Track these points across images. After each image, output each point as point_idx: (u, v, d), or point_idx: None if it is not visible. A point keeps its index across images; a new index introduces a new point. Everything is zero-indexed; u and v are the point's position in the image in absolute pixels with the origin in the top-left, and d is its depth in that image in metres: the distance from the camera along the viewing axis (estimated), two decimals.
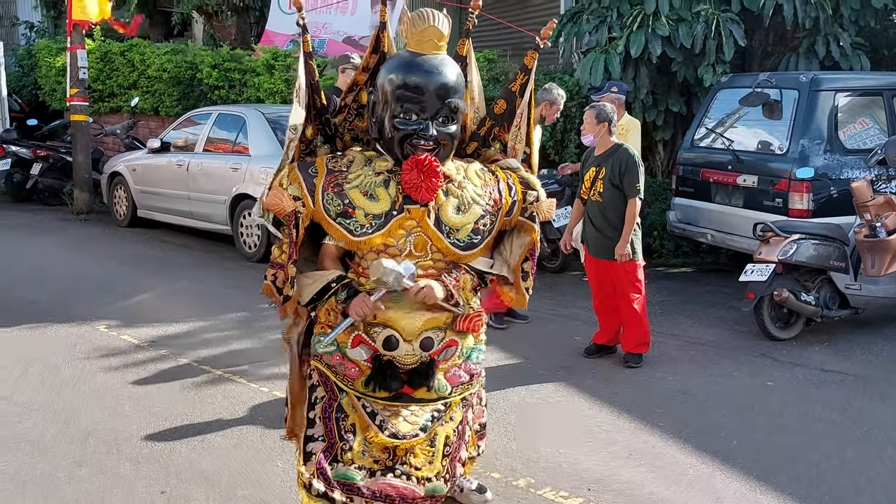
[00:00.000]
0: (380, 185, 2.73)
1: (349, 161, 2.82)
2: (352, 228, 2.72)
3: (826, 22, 8.31)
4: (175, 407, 4.76)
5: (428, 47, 2.72)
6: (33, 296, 7.07)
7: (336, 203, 2.73)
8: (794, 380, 5.36)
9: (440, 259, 2.78)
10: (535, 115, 6.25)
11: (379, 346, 2.77)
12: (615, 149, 5.45)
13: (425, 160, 2.65)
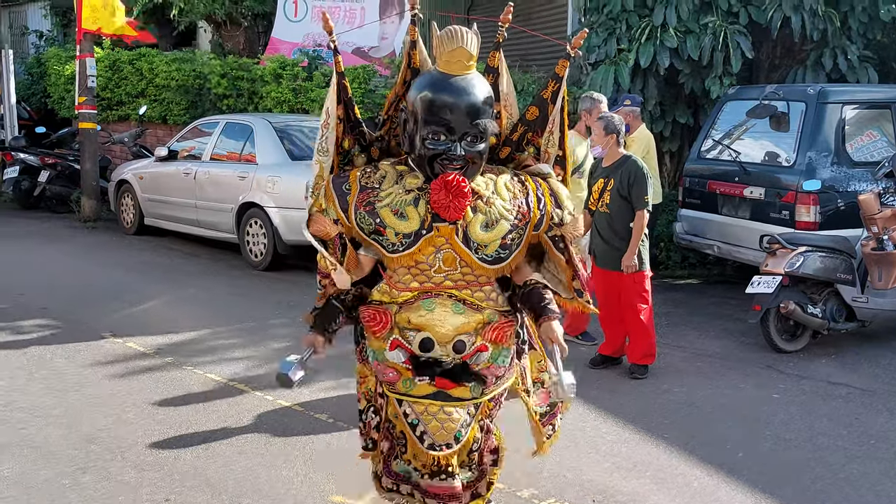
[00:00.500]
0: (410, 204, 2.78)
1: (381, 176, 2.86)
2: (384, 246, 2.80)
3: (834, 35, 8.32)
4: (180, 414, 4.77)
5: (457, 68, 2.74)
6: (41, 302, 7.09)
7: (368, 222, 2.80)
8: (801, 392, 5.34)
9: (469, 272, 2.85)
10: (580, 126, 6.24)
11: (415, 348, 2.86)
12: (623, 160, 5.46)
13: (453, 181, 2.69)
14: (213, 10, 13.65)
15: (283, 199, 8.55)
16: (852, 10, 8.31)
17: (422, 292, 2.84)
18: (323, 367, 5.52)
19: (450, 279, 2.83)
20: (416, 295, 2.84)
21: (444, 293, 2.84)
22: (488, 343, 2.89)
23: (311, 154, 9.12)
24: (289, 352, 2.92)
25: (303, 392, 5.10)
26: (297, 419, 4.73)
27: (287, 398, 5.01)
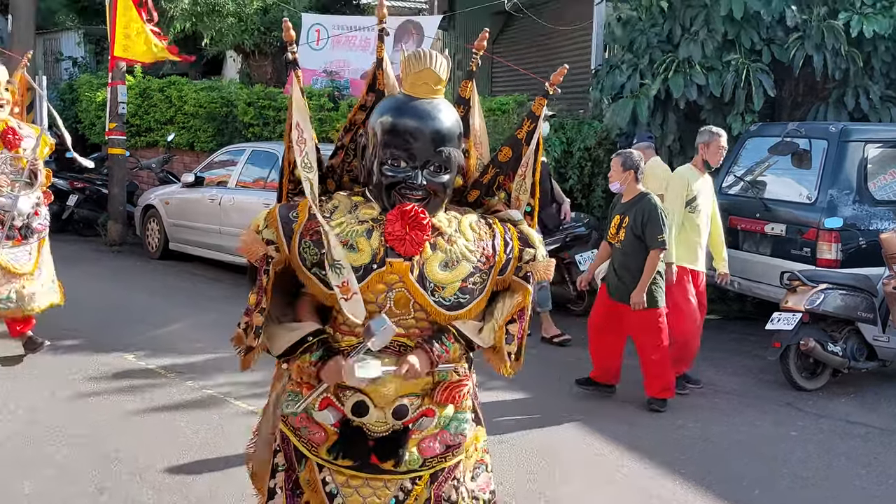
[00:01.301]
0: (362, 235, 2.47)
1: (334, 206, 2.56)
2: (326, 280, 2.45)
3: (856, 74, 8.34)
4: (199, 437, 4.81)
5: (423, 91, 2.51)
6: (66, 323, 7.18)
7: (313, 252, 2.48)
8: (819, 431, 5.30)
9: (423, 319, 2.50)
10: (696, 160, 6.04)
11: (348, 411, 2.50)
12: (639, 198, 5.50)
13: (411, 211, 2.44)
14: (242, 40, 13.91)
15: None
16: (875, 49, 8.34)
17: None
18: None
19: (401, 325, 2.47)
20: (360, 342, 2.45)
21: (392, 345, 2.47)
22: (435, 407, 2.55)
23: None
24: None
25: None
26: None
27: None
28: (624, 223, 5.50)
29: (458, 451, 2.61)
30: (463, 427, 2.61)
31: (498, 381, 5.72)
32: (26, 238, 6.11)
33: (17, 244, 6.04)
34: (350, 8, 16.47)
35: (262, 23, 14.00)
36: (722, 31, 8.35)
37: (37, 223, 6.17)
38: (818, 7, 8.33)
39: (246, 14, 13.59)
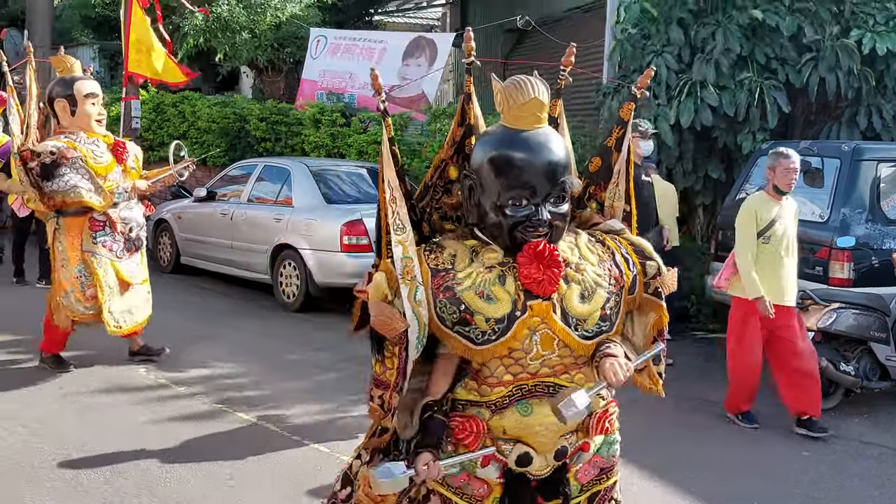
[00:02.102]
0: (495, 283, 2.36)
1: (451, 255, 2.43)
2: (472, 337, 2.35)
3: (868, 93, 8.33)
4: (208, 451, 4.81)
5: (529, 122, 2.38)
6: (77, 337, 7.20)
7: (451, 311, 2.35)
8: (831, 451, 5.26)
9: (567, 354, 2.42)
10: (768, 187, 5.73)
11: (511, 463, 2.43)
12: None
13: (545, 250, 2.34)
14: (255, 56, 14.01)
15: (318, 242, 8.67)
16: (888, 68, 8.33)
17: (515, 387, 2.40)
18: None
19: (546, 365, 2.40)
20: (510, 391, 2.39)
21: (539, 387, 2.41)
22: (591, 441, 2.52)
23: (346, 198, 9.29)
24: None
25: (330, 432, 5.13)
26: (324, 461, 4.75)
27: (313, 439, 5.04)
28: None
29: (611, 472, 2.62)
30: (615, 449, 2.62)
31: None
32: (138, 248, 6.33)
33: (131, 255, 6.26)
34: (363, 24, 16.58)
35: (275, 39, 14.11)
36: (737, 49, 8.35)
37: (143, 233, 6.40)
38: (831, 26, 8.33)
39: (259, 30, 13.69)
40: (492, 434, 2.41)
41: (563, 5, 13.25)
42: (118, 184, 6.10)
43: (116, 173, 6.11)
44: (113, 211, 6.07)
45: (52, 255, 6.18)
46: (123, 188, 6.16)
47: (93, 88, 6.11)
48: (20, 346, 6.93)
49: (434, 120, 11.68)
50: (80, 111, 6.01)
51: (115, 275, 6.08)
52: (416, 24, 19.35)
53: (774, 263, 5.49)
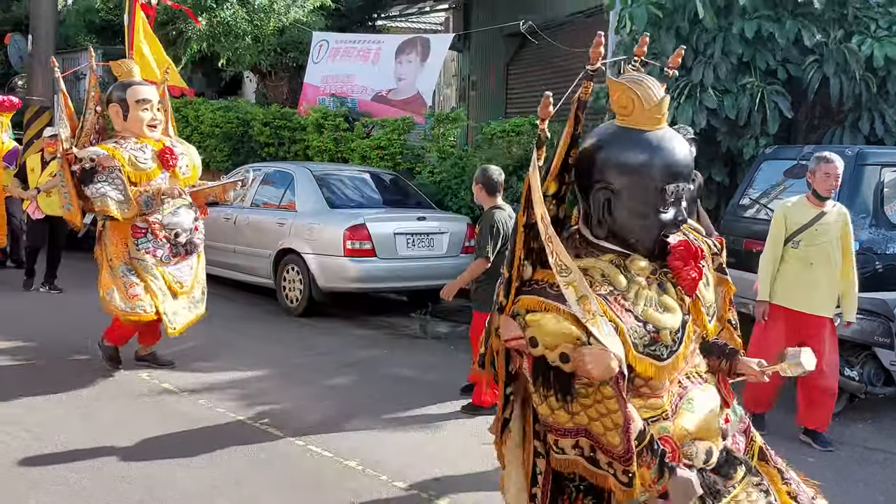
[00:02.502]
0: (661, 293, 2.36)
1: (603, 276, 2.34)
2: (658, 354, 2.30)
3: (870, 98, 8.32)
4: (212, 456, 4.81)
5: (661, 120, 2.38)
6: (79, 343, 7.22)
7: (641, 333, 2.28)
8: (836, 457, 5.24)
9: (696, 342, 2.48)
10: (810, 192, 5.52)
11: (700, 462, 2.37)
12: (487, 210, 5.87)
13: (694, 249, 2.37)
14: (258, 60, 14.04)
15: (321, 247, 8.67)
16: (889, 74, 8.31)
17: (677, 387, 2.39)
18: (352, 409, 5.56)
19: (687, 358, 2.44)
20: (673, 393, 2.38)
21: (683, 377, 2.42)
22: (729, 406, 2.53)
23: (349, 203, 9.30)
24: None
25: (333, 437, 5.13)
26: (328, 465, 4.74)
27: (316, 444, 5.04)
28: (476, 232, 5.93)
29: (750, 431, 2.65)
30: (738, 409, 2.64)
31: None
32: (189, 254, 6.31)
33: (181, 260, 6.25)
34: (366, 29, 16.60)
35: (278, 43, 14.14)
36: (737, 54, 8.35)
37: (196, 238, 6.36)
38: (834, 30, 8.32)
39: (262, 35, 13.72)
40: (678, 443, 2.34)
41: (565, 10, 13.27)
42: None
43: (161, 179, 6.13)
44: (156, 217, 6.08)
45: (99, 254, 6.29)
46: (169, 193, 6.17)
47: (145, 94, 6.14)
48: (24, 351, 6.94)
49: (437, 125, 11.69)
50: (132, 116, 6.09)
51: (163, 279, 6.13)
52: (418, 28, 19.36)
53: (802, 270, 5.35)
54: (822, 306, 5.36)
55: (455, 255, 9.15)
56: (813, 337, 5.32)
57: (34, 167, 9.46)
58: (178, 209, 6.18)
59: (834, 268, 5.37)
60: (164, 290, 6.11)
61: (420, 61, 12.71)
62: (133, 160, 5.98)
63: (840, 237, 5.41)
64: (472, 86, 16.59)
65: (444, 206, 10.41)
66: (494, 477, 4.60)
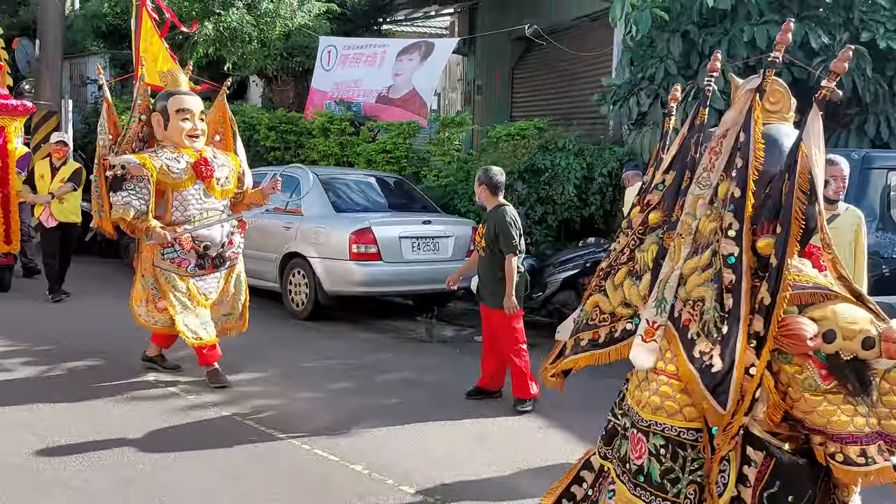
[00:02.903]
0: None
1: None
2: None
3: (877, 100, 8.31)
4: (218, 460, 4.81)
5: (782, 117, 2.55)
6: (88, 345, 7.24)
7: None
8: None
9: None
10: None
11: None
12: (494, 209, 5.99)
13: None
14: (264, 65, 14.07)
15: (327, 250, 8.69)
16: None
17: None
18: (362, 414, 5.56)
19: None
20: None
21: None
22: None
23: (355, 207, 9.31)
24: None
25: (339, 441, 5.14)
26: (334, 469, 4.75)
27: (322, 447, 5.04)
28: (481, 232, 6.00)
29: None
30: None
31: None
32: (217, 267, 6.24)
33: (208, 273, 6.20)
34: (371, 33, 16.64)
35: (284, 48, 14.17)
36: (743, 57, 8.34)
37: (230, 252, 6.29)
38: (840, 33, 8.31)
39: (268, 39, 13.75)
40: None
41: (570, 14, 13.27)
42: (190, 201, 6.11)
43: (195, 190, 6.10)
44: (184, 228, 6.04)
45: (136, 264, 6.36)
46: (201, 206, 6.14)
47: (186, 104, 6.09)
48: (31, 355, 6.97)
49: (442, 128, 11.71)
50: (172, 126, 6.08)
51: (187, 290, 6.10)
52: (424, 32, 19.40)
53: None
54: None
55: (460, 258, 9.14)
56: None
57: (43, 173, 9.45)
58: (210, 221, 6.15)
59: (848, 271, 5.33)
60: (186, 302, 6.07)
61: (420, 60, 12.74)
62: (165, 169, 5.94)
63: (853, 240, 5.37)
64: (478, 90, 16.60)
65: (449, 209, 10.43)
66: (500, 482, 4.62)
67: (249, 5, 13.46)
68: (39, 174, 9.46)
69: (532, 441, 5.36)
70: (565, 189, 9.82)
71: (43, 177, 9.42)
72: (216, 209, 6.22)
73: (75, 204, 9.58)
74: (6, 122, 9.53)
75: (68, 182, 9.34)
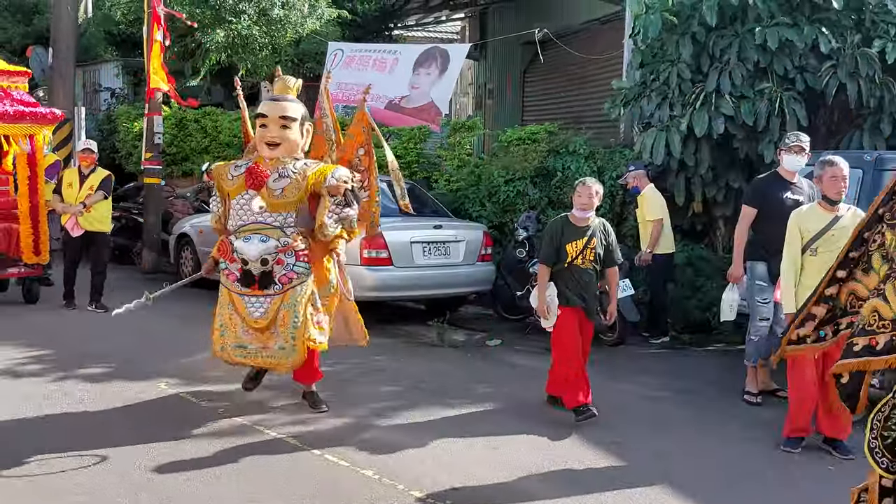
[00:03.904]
0: None
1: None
2: None
3: (891, 101, 8.26)
4: (225, 465, 4.82)
5: None
6: (100, 350, 7.28)
7: None
8: (858, 466, 5.15)
9: None
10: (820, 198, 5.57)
11: None
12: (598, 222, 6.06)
13: None
14: (274, 71, 14.12)
15: None
16: None
17: None
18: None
19: None
20: None
21: None
22: None
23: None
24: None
25: (349, 446, 5.14)
26: (344, 474, 4.75)
27: (332, 453, 5.04)
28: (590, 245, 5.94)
29: None
30: None
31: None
32: (264, 288, 5.50)
33: (254, 293, 5.52)
34: (382, 39, 16.67)
35: (294, 54, 14.22)
36: (754, 60, 8.31)
37: (280, 272, 5.47)
38: (852, 35, 8.27)
39: (279, 45, 13.81)
40: None
41: (580, 17, 13.27)
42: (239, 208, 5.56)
43: (245, 199, 5.52)
44: (231, 239, 5.57)
45: None
46: (247, 217, 5.51)
47: (262, 110, 5.64)
48: (45, 363, 7.01)
49: (453, 133, 11.71)
50: (256, 132, 5.70)
51: (233, 308, 5.64)
52: (435, 38, 19.43)
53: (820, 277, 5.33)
54: None
55: (472, 263, 9.15)
56: (836, 345, 5.26)
57: (72, 181, 9.31)
58: (251, 235, 5.45)
59: None
60: (233, 317, 5.62)
61: (439, 74, 12.75)
62: (223, 174, 5.67)
63: None
64: (489, 94, 16.61)
65: (460, 214, 10.42)
66: (510, 487, 4.60)
67: (260, 13, 13.52)
68: (68, 182, 9.35)
69: (541, 447, 5.35)
70: None
71: (71, 185, 9.29)
72: (265, 223, 5.47)
73: (103, 212, 9.46)
74: (35, 130, 9.38)
75: (98, 191, 9.26)
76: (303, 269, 5.53)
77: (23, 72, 9.80)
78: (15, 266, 9.48)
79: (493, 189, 10.37)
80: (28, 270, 9.57)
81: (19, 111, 9.07)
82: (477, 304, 10.21)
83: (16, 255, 9.41)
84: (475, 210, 10.46)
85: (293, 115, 5.61)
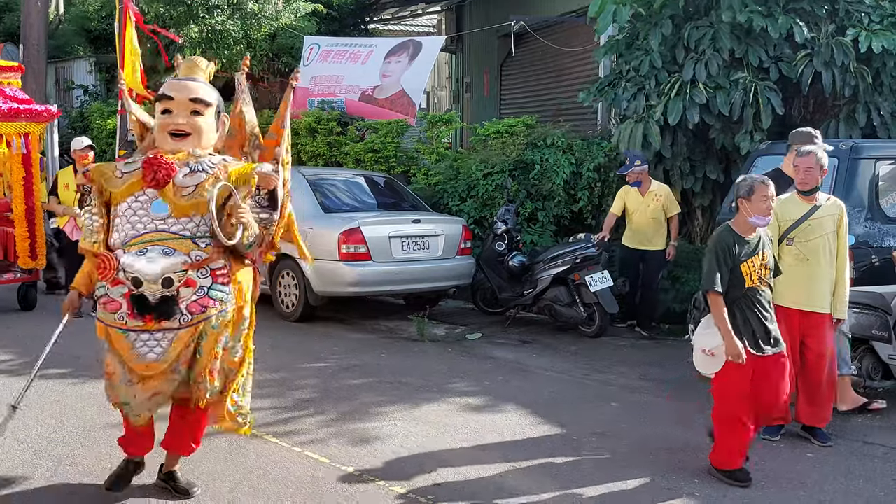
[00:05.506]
0: None
1: None
2: None
3: (866, 91, 8.31)
4: (208, 465, 4.77)
5: None
6: (77, 351, 7.17)
7: None
8: (836, 453, 5.22)
9: None
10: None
11: None
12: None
13: None
14: (250, 66, 14.03)
15: (315, 251, 8.60)
16: (884, 66, 8.31)
17: None
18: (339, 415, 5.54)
19: None
20: None
21: None
22: None
23: (343, 207, 9.26)
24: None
25: (330, 442, 5.10)
26: (325, 471, 4.71)
27: (313, 449, 5.01)
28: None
29: None
30: None
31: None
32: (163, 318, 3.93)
33: (147, 326, 3.94)
34: (358, 32, 16.60)
35: (269, 49, 14.13)
36: (728, 49, 8.34)
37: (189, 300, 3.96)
38: (826, 24, 8.32)
39: (254, 40, 13.71)
40: None
41: (556, 10, 13.26)
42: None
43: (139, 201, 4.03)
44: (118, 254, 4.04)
45: None
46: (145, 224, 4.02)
47: (169, 91, 4.20)
48: (47, 373, 6.92)
49: (431, 126, 11.68)
50: (157, 120, 4.97)
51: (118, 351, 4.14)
52: (412, 31, 19.38)
53: (799, 267, 5.26)
54: (821, 302, 5.31)
55: (451, 257, 9.12)
56: (814, 333, 5.30)
57: (68, 182, 8.97)
58: (147, 247, 3.91)
59: (828, 262, 5.32)
60: (119, 368, 4.09)
61: (408, 61, 12.69)
62: (109, 173, 4.13)
63: (835, 231, 5.36)
64: (467, 87, 16.58)
65: (439, 208, 10.39)
66: (492, 481, 4.59)
67: (234, 7, 13.41)
68: (64, 183, 9.03)
69: (524, 440, 5.34)
70: (554, 184, 9.81)
71: (67, 186, 8.95)
72: (169, 231, 3.95)
73: None
74: (31, 128, 8.83)
75: None
76: (222, 294, 4.03)
77: (16, 67, 9.32)
78: (9, 271, 8.98)
79: (471, 183, 10.35)
80: (24, 276, 9.05)
81: (13, 108, 8.59)
82: (457, 299, 10.19)
83: (10, 259, 8.92)
84: (454, 204, 10.43)
85: (207, 99, 4.24)
